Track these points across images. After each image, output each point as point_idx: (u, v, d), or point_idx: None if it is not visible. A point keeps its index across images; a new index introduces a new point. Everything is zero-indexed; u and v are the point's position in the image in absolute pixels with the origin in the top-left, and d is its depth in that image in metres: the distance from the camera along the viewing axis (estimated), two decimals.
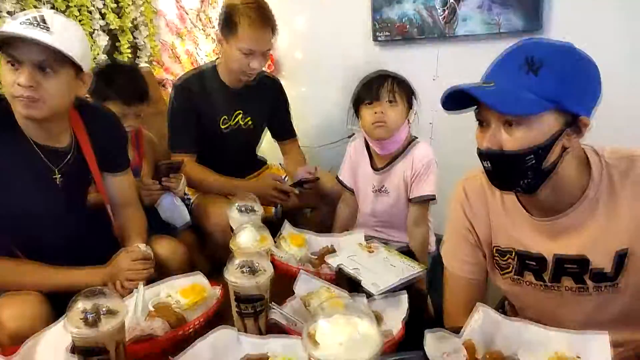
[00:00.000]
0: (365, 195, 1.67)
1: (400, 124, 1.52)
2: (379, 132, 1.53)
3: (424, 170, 1.53)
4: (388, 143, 1.56)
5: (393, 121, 1.51)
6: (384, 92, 1.52)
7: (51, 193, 1.29)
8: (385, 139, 1.54)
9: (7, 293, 1.15)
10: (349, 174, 1.73)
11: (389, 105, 1.52)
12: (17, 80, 1.12)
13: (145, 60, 2.44)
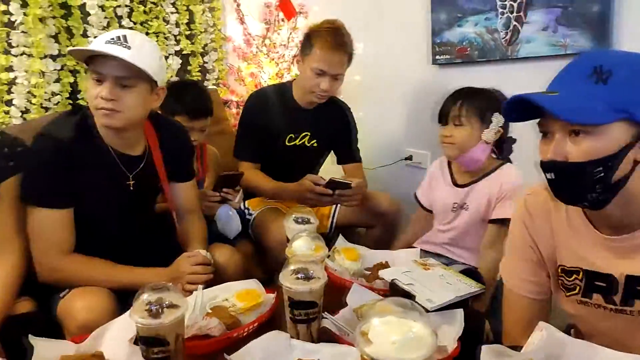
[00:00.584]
0: (443, 211, 1.63)
1: (470, 144, 1.51)
2: (446, 151, 1.57)
3: (510, 194, 1.49)
4: (463, 160, 1.55)
5: (460, 142, 1.51)
6: (450, 115, 1.53)
7: (124, 196, 1.38)
8: (456, 158, 1.55)
9: (79, 287, 1.23)
10: (426, 192, 1.72)
11: (454, 127, 1.52)
12: (100, 94, 1.23)
13: (213, 82, 2.59)
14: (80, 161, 1.28)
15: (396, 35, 2.24)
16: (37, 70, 1.96)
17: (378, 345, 0.61)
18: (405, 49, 2.22)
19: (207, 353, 1.04)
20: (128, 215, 1.41)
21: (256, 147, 1.92)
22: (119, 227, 1.39)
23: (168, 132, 1.49)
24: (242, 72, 2.55)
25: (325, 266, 1.36)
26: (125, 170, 1.38)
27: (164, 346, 0.90)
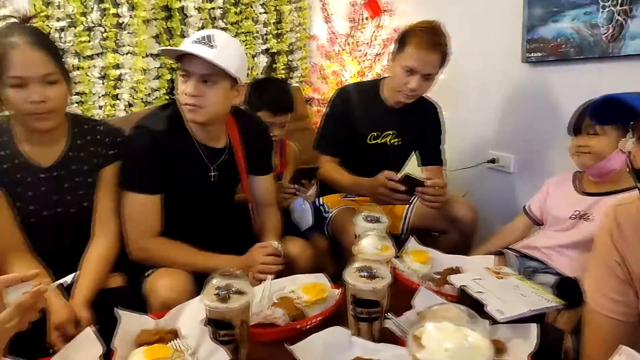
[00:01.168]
0: (558, 219, 1.55)
1: (606, 153, 1.42)
2: (580, 161, 1.50)
3: None
4: (596, 170, 1.46)
5: (596, 151, 1.43)
6: (584, 125, 1.46)
7: (207, 186, 1.48)
8: (590, 167, 1.48)
9: (163, 268, 1.34)
10: (541, 202, 1.65)
11: (588, 137, 1.44)
12: (186, 90, 1.33)
13: (297, 80, 2.66)
14: (170, 151, 1.39)
15: (485, 31, 2.13)
16: (140, 68, 2.16)
17: (430, 351, 0.60)
18: (495, 46, 2.10)
19: (270, 341, 1.08)
20: (209, 204, 1.50)
21: (337, 142, 1.92)
22: (200, 215, 1.49)
23: (249, 126, 1.56)
24: (325, 70, 2.59)
25: (393, 267, 1.36)
26: (208, 161, 1.47)
27: (229, 330, 0.96)
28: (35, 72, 1.20)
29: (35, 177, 1.31)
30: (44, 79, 1.21)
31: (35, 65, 1.20)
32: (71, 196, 1.36)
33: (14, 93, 1.19)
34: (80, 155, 1.38)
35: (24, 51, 1.19)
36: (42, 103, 1.21)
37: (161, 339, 1.03)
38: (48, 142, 1.33)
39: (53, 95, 1.23)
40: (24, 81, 1.19)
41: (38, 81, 1.20)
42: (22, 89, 1.19)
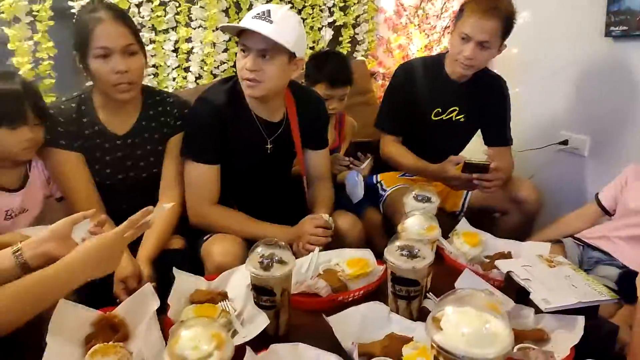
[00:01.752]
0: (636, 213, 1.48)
1: None
2: None
3: None
4: None
5: None
6: None
7: (262, 159, 1.54)
8: None
9: (219, 233, 1.43)
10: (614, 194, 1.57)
11: None
12: (245, 65, 1.37)
13: (362, 53, 2.63)
14: (228, 124, 1.46)
15: (562, 3, 1.97)
16: (209, 41, 2.24)
17: (447, 334, 0.60)
18: (573, 18, 1.94)
19: (311, 310, 1.12)
20: (264, 176, 1.56)
21: (400, 120, 1.89)
22: (255, 186, 1.56)
23: (305, 101, 1.59)
24: (391, 44, 2.54)
25: (441, 247, 1.35)
26: (265, 134, 1.52)
27: (271, 296, 1.01)
28: (118, 43, 1.30)
29: (112, 143, 1.44)
30: (126, 49, 1.32)
31: (119, 37, 1.30)
32: (142, 162, 1.48)
33: (99, 64, 1.31)
34: (152, 125, 1.49)
35: (108, 25, 1.30)
36: (125, 73, 1.32)
37: (211, 300, 1.11)
38: (124, 112, 1.45)
39: (134, 66, 1.34)
40: (109, 51, 1.30)
41: (120, 52, 1.31)
42: (107, 60, 1.31)
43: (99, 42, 1.29)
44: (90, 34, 1.29)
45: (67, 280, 0.92)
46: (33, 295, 0.88)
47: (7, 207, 1.33)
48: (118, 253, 0.99)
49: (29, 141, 1.27)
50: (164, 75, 2.21)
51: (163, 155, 1.49)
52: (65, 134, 1.37)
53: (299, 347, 0.94)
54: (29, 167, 1.39)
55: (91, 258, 0.94)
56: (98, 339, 0.98)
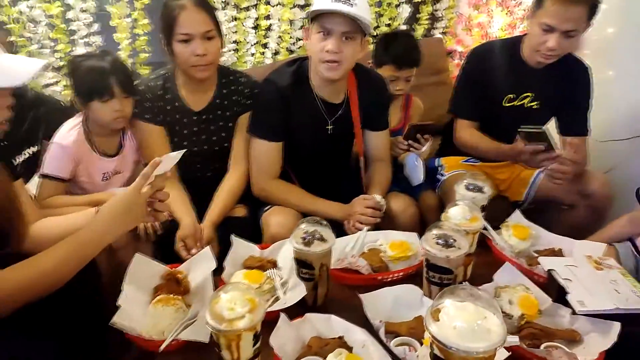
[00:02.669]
0: None
1: None
2: None
3: None
4: None
5: None
6: None
7: (323, 139, 1.61)
8: None
9: (277, 206, 1.55)
10: None
11: None
12: (326, 47, 1.41)
13: (440, 31, 2.56)
14: (292, 104, 1.55)
15: None
16: (287, 19, 2.33)
17: (442, 326, 0.65)
18: None
19: (351, 285, 1.21)
20: (325, 155, 1.64)
21: (474, 104, 1.84)
22: (316, 164, 1.65)
23: (367, 82, 1.63)
24: (471, 21, 2.44)
25: (489, 239, 1.35)
26: (326, 115, 1.59)
27: (310, 270, 1.11)
28: (199, 30, 1.44)
29: (189, 118, 1.60)
30: (205, 35, 1.45)
31: (199, 24, 1.44)
32: (215, 137, 1.63)
33: (181, 47, 1.46)
34: (225, 103, 1.62)
35: (190, 12, 1.44)
36: (204, 56, 1.46)
37: (261, 267, 1.23)
38: (201, 90, 1.60)
39: (211, 49, 1.47)
40: (190, 37, 1.44)
41: (200, 37, 1.44)
42: (188, 44, 1.45)
43: (182, 28, 1.43)
44: (174, 20, 1.44)
45: (98, 240, 1.01)
46: (75, 257, 0.98)
47: (105, 170, 1.56)
48: (137, 207, 1.02)
49: (118, 112, 1.46)
50: (244, 51, 2.35)
51: (233, 131, 1.63)
52: (150, 108, 1.55)
53: (331, 319, 1.03)
54: (123, 136, 1.59)
55: (112, 216, 1.01)
56: (164, 290, 1.15)
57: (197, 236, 1.41)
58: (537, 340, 0.99)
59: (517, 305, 1.04)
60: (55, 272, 0.96)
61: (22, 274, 0.93)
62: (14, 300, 0.91)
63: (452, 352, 0.63)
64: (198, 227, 1.44)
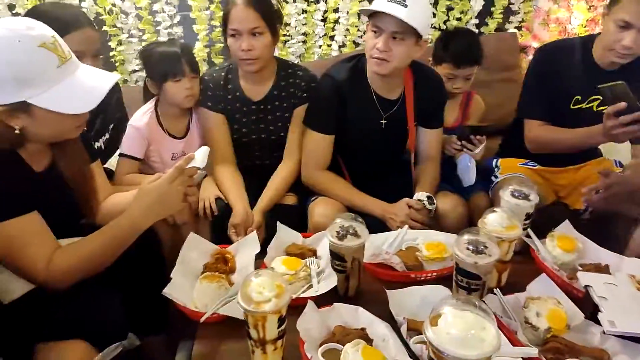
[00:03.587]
0: None
1: None
2: None
3: None
4: None
5: None
6: None
7: (376, 133, 1.65)
8: None
9: (323, 197, 1.62)
10: None
11: None
12: (376, 45, 1.47)
13: (515, 25, 2.46)
14: (348, 98, 1.60)
15: None
16: (354, 12, 2.36)
17: (438, 331, 0.69)
18: None
19: (382, 280, 1.26)
20: (375, 149, 1.68)
21: (543, 103, 1.76)
22: (366, 157, 1.69)
23: (424, 80, 1.64)
24: (549, 16, 2.31)
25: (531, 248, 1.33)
26: (381, 110, 1.63)
27: (342, 262, 1.17)
28: (246, 26, 1.53)
29: (248, 108, 1.71)
30: (252, 31, 1.54)
31: (247, 21, 1.53)
32: (272, 126, 1.73)
33: (232, 42, 1.57)
34: (282, 95, 1.71)
35: (239, 9, 1.54)
36: (249, 51, 1.55)
37: (301, 254, 1.32)
38: (259, 81, 1.70)
39: (257, 45, 1.56)
40: (238, 32, 1.55)
41: (247, 33, 1.54)
42: (237, 39, 1.55)
43: (231, 23, 1.54)
44: (227, 16, 1.55)
45: (134, 226, 1.10)
46: (115, 240, 1.10)
47: (173, 150, 1.72)
48: (170, 197, 1.09)
49: (189, 89, 1.62)
50: (312, 43, 2.42)
51: (289, 122, 1.72)
52: (213, 97, 1.68)
53: (358, 310, 1.09)
54: (191, 120, 1.75)
55: (147, 205, 1.09)
56: (212, 268, 1.27)
57: (247, 223, 1.53)
58: (561, 355, 0.98)
59: (544, 318, 1.03)
60: (100, 252, 1.09)
61: (75, 253, 1.07)
62: (71, 276, 1.06)
63: (444, 357, 0.67)
64: (249, 213, 1.56)
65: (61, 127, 1.07)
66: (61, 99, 0.99)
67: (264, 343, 0.94)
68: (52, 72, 0.98)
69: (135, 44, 2.25)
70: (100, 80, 1.05)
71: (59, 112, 0.99)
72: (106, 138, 1.63)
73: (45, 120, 1.01)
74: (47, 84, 0.98)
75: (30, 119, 1.01)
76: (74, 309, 1.04)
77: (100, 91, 1.03)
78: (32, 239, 1.04)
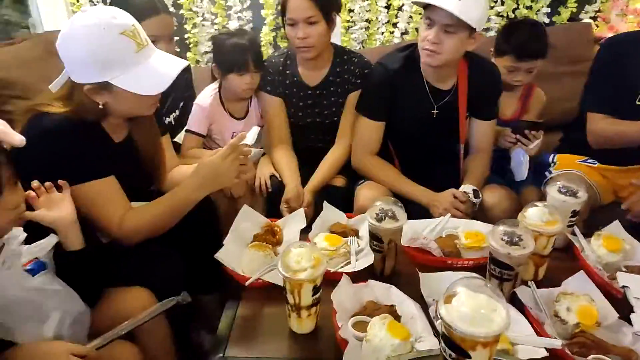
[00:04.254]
0: None
1: None
2: None
3: None
4: None
5: None
6: None
7: (427, 122, 1.68)
8: None
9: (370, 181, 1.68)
10: None
11: None
12: (427, 36, 1.50)
13: (590, 15, 2.34)
14: (400, 87, 1.64)
15: None
16: None
17: (449, 309, 0.74)
18: None
19: (418, 263, 1.30)
20: (426, 137, 1.71)
21: (608, 97, 1.71)
22: (417, 145, 1.73)
23: (479, 71, 1.64)
24: (628, 7, 2.18)
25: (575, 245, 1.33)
26: (433, 100, 1.65)
27: (380, 243, 1.24)
28: (301, 15, 1.61)
29: (305, 93, 1.80)
30: (307, 20, 1.61)
31: (302, 10, 1.61)
32: (326, 111, 1.81)
33: (289, 30, 1.66)
34: (337, 80, 1.78)
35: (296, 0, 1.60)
36: (305, 39, 1.63)
37: (343, 233, 1.40)
38: (316, 67, 1.78)
39: (313, 33, 1.63)
40: (294, 22, 1.63)
41: (303, 22, 1.61)
42: (293, 28, 1.64)
43: (288, 13, 1.62)
44: (285, 5, 1.63)
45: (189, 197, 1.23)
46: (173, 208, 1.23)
47: (233, 130, 1.85)
48: (224, 172, 1.21)
49: (249, 84, 1.73)
50: (374, 29, 2.45)
51: (343, 106, 1.79)
52: (272, 82, 1.78)
53: (390, 289, 1.16)
54: (250, 103, 1.87)
55: (201, 178, 1.22)
56: (261, 238, 1.39)
57: (299, 200, 1.63)
58: (587, 350, 1.00)
59: (574, 313, 1.05)
60: (162, 216, 1.24)
61: (143, 215, 1.23)
62: (138, 234, 1.22)
63: (454, 333, 0.72)
64: (301, 191, 1.66)
65: (137, 105, 1.21)
66: (137, 81, 1.13)
67: (299, 308, 1.04)
68: (131, 57, 1.12)
69: (207, 27, 2.40)
70: (171, 65, 1.18)
71: (135, 93, 1.13)
72: (176, 115, 1.80)
73: (123, 98, 1.16)
74: (126, 67, 1.12)
75: (111, 96, 1.16)
76: (139, 262, 1.20)
77: (171, 75, 1.16)
78: (109, 199, 1.20)
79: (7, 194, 0.94)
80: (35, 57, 1.82)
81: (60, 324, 1.02)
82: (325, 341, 1.07)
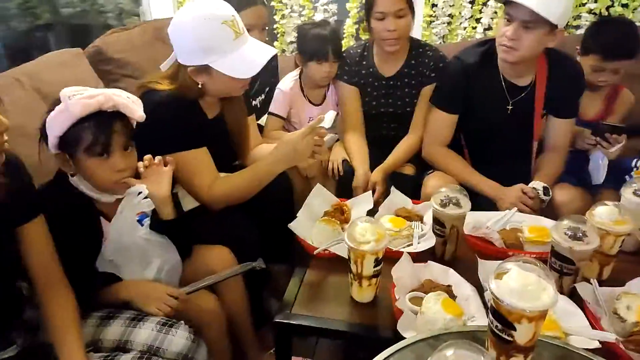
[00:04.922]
0: None
1: None
2: None
3: None
4: None
5: None
6: None
7: (501, 117, 1.70)
8: None
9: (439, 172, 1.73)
10: None
11: None
12: (506, 32, 1.52)
13: None
14: (475, 81, 1.67)
15: None
16: None
17: (499, 284, 0.80)
18: None
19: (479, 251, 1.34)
20: (499, 134, 1.72)
21: None
22: (489, 139, 1.74)
23: (560, 68, 1.62)
24: None
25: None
26: (508, 96, 1.66)
27: (442, 228, 1.30)
28: (391, 9, 1.68)
29: (380, 83, 1.88)
30: (397, 13, 1.68)
31: (393, 3, 1.68)
32: (399, 101, 1.88)
33: (377, 24, 1.73)
34: (412, 72, 1.85)
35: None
36: (394, 31, 1.70)
37: (409, 217, 1.47)
38: (393, 59, 1.85)
39: (401, 26, 1.70)
40: (384, 15, 1.70)
41: (393, 15, 1.69)
42: (382, 21, 1.71)
43: (378, 7, 1.70)
44: (373, 1, 1.70)
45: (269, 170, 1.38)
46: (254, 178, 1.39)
47: (310, 114, 1.98)
48: (301, 149, 1.35)
49: (327, 72, 1.85)
50: (456, 24, 2.47)
51: (416, 98, 1.85)
52: (349, 72, 1.88)
53: (448, 271, 1.22)
54: (328, 90, 1.98)
55: (282, 153, 1.37)
56: (330, 215, 1.49)
57: (367, 186, 1.72)
58: None
59: (634, 312, 1.04)
60: (245, 186, 1.39)
61: (228, 184, 1.39)
62: (224, 200, 1.38)
63: (502, 305, 0.78)
64: (368, 175, 1.75)
65: (229, 86, 1.37)
66: (232, 65, 1.28)
67: (360, 278, 1.14)
68: (229, 44, 1.28)
69: (295, 18, 2.55)
70: (261, 53, 1.33)
71: (229, 75, 1.28)
72: (261, 98, 1.96)
73: (219, 80, 1.32)
74: (224, 53, 1.28)
75: (209, 77, 1.32)
76: (223, 225, 1.37)
77: (260, 62, 1.31)
78: (201, 168, 1.38)
79: (115, 157, 1.12)
80: (144, 42, 2.06)
81: (159, 269, 1.20)
82: (382, 310, 1.16)
